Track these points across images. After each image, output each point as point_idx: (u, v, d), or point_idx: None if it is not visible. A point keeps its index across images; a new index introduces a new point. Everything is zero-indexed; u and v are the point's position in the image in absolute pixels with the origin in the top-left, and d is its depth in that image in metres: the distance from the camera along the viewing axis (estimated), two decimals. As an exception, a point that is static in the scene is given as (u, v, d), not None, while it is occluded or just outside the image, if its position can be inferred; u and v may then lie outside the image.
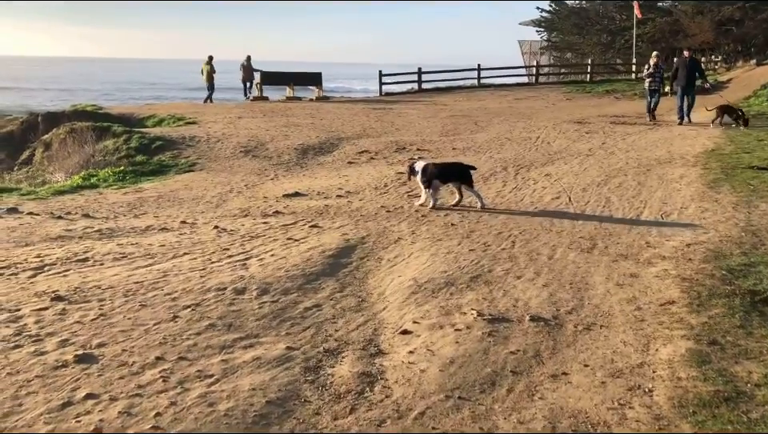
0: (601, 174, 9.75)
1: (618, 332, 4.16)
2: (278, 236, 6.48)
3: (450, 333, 4.08)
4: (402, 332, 4.12)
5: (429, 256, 5.81)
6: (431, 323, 4.26)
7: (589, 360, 3.76)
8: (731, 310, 4.38)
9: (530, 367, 3.67)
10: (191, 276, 5.03)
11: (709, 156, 11.15)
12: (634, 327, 4.24)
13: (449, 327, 4.19)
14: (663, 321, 4.28)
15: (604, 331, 4.18)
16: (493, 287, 5.03)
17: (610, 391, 3.37)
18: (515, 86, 30.92)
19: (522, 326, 4.24)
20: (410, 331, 4.15)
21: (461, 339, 4.00)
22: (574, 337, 4.09)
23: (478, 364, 3.68)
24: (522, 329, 4.19)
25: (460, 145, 12.85)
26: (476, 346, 3.90)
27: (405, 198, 8.32)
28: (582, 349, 3.91)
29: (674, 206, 7.75)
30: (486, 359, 3.75)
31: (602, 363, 3.72)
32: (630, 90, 26.79)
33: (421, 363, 3.68)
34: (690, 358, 3.70)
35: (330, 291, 4.90)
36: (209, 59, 23.59)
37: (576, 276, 5.31)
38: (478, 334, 4.08)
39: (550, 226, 6.96)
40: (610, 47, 43.76)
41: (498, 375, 3.55)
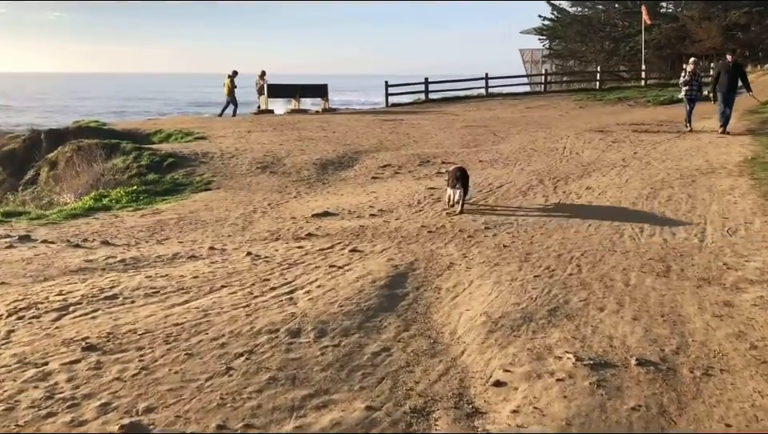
0: (645, 186, 9.19)
1: (744, 379, 3.58)
2: (319, 263, 5.89)
3: (552, 384, 3.49)
4: (494, 384, 3.53)
5: (492, 285, 5.23)
6: (525, 371, 3.66)
7: (728, 417, 3.17)
8: None
9: (662, 430, 3.07)
10: (236, 315, 4.44)
11: (752, 165, 10.62)
12: (761, 371, 3.65)
13: (547, 376, 3.60)
14: (793, 364, 3.70)
15: (727, 378, 3.59)
16: (577, 322, 4.44)
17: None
18: (524, 95, 30.46)
19: (630, 372, 3.65)
20: (503, 381, 3.55)
21: (568, 392, 3.40)
22: (697, 386, 3.50)
23: (599, 426, 3.08)
24: (632, 376, 3.59)
25: (486, 157, 12.29)
26: (589, 401, 3.31)
27: (443, 217, 7.74)
28: (713, 402, 3.32)
29: (736, 221, 7.20)
30: (607, 418, 3.15)
31: (746, 422, 3.13)
32: (642, 97, 26.34)
33: (532, 425, 3.08)
34: None
35: (395, 331, 4.30)
36: (233, 74, 23.17)
37: (664, 306, 4.73)
38: (585, 385, 3.48)
39: (611, 246, 6.40)
40: (614, 54, 43.36)
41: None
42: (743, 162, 10.97)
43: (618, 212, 7.74)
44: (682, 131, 15.39)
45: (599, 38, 45.48)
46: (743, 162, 11.07)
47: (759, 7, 36.40)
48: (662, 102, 24.47)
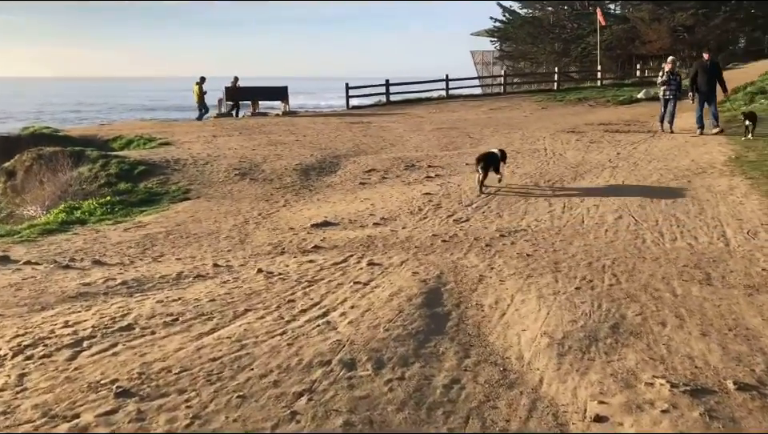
0: (645, 188, 9.01)
1: None
2: (340, 279, 5.44)
3: (659, 417, 3.14)
4: (595, 419, 3.16)
5: (536, 300, 4.88)
6: (621, 402, 3.31)
7: None
8: None
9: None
10: (276, 345, 3.95)
11: (740, 165, 10.61)
12: None
13: (648, 406, 3.25)
14: None
15: (837, 400, 3.30)
16: (645, 340, 4.13)
17: None
18: (484, 97, 30.48)
19: (734, 398, 3.33)
20: (603, 416, 3.19)
21: (681, 426, 3.06)
22: (811, 412, 3.19)
23: (736, 467, 2.74)
24: (738, 404, 3.28)
25: (470, 159, 11.96)
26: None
27: (451, 224, 7.37)
28: (839, 431, 3.02)
29: (751, 223, 7.05)
30: (739, 457, 2.81)
31: None
32: (601, 97, 26.59)
33: (663, 470, 2.71)
34: None
35: (456, 358, 3.89)
36: (200, 80, 22.93)
37: (725, 318, 4.47)
38: (695, 415, 3.15)
39: (637, 252, 6.14)
40: (565, 55, 43.93)
41: None
42: (729, 162, 10.96)
43: (628, 215, 7.50)
44: (644, 131, 15.38)
45: (550, 39, 46.06)
46: (729, 161, 11.06)
47: (704, 9, 37.38)
48: (622, 101, 24.75)
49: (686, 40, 37.74)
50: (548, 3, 47.79)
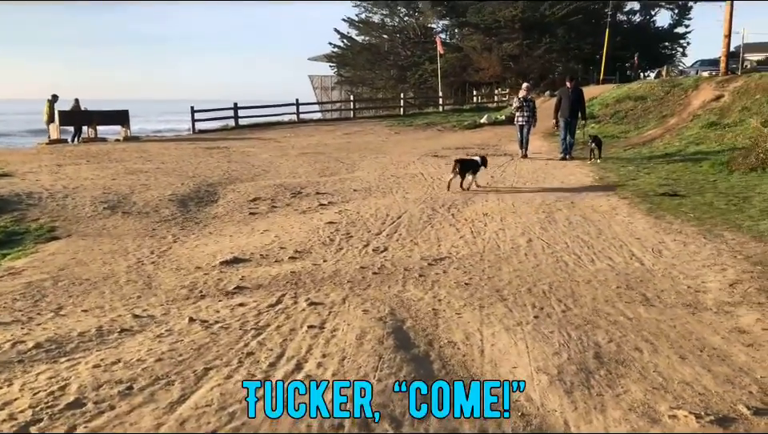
0: (537, 210, 9.35)
1: None
2: (288, 324, 4.96)
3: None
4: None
5: (506, 333, 4.76)
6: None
7: None
8: None
9: None
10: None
11: (607, 185, 11.37)
12: None
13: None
14: None
15: (840, 415, 3.46)
16: (634, 368, 4.13)
17: None
18: (335, 121, 30.57)
19: (756, 424, 3.37)
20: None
21: (733, 459, 3.01)
22: (828, 430, 3.31)
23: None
24: (765, 429, 3.31)
25: (356, 186, 11.80)
26: (767, 468, 2.94)
27: (372, 255, 7.09)
28: None
29: (650, 241, 7.50)
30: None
31: None
32: (446, 123, 27.73)
33: None
34: None
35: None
36: (52, 98, 20.62)
37: (689, 339, 4.62)
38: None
39: (567, 276, 6.26)
40: (403, 81, 45.49)
41: None
42: (597, 183, 11.73)
43: (537, 238, 7.67)
44: (515, 156, 15.83)
45: (387, 65, 47.47)
46: (595, 182, 11.84)
47: (528, 40, 40.53)
48: (468, 126, 25.93)
49: (513, 69, 40.61)
50: (383, 31, 49.30)
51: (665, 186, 11.04)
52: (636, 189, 10.88)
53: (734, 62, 37.87)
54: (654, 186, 11.09)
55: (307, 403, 3.51)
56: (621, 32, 41.62)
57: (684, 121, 19.55)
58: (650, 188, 10.90)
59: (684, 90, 22.32)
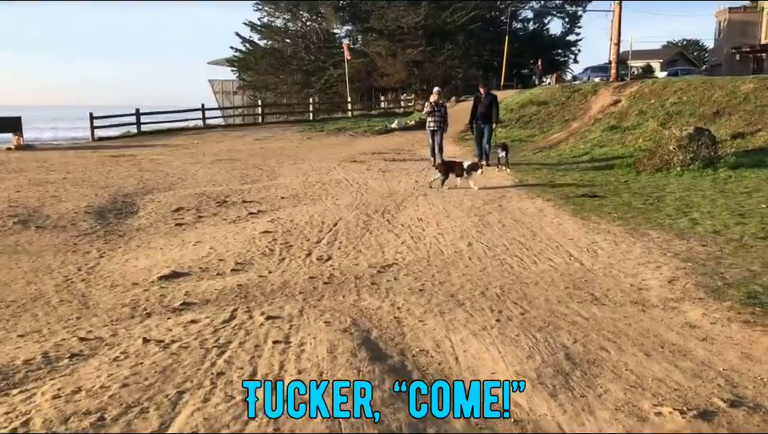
0: (469, 214, 9.51)
1: (817, 400, 3.72)
2: (251, 340, 4.76)
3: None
4: (651, 459, 3.10)
5: (474, 338, 4.79)
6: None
7: None
8: None
9: None
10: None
11: (528, 188, 11.72)
12: (816, 390, 3.84)
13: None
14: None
15: (804, 402, 3.70)
16: (606, 367, 4.25)
17: None
18: (240, 127, 29.92)
19: (734, 416, 3.54)
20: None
21: (727, 451, 3.14)
22: (798, 417, 3.53)
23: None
24: (745, 420, 3.49)
25: (283, 193, 11.58)
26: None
27: (317, 264, 6.96)
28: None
29: (583, 242, 7.78)
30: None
31: None
32: (357, 128, 27.78)
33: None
34: None
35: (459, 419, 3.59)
36: None
37: (648, 337, 4.81)
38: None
39: (514, 278, 6.39)
40: (308, 86, 45.17)
41: None
42: (518, 186, 12.07)
43: (476, 242, 7.78)
44: (432, 163, 15.01)
45: (291, 70, 46.94)
46: (516, 186, 12.18)
47: (430, 47, 41.28)
48: (379, 131, 26.07)
49: (417, 74, 41.24)
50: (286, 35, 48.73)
51: (583, 187, 11.50)
52: (556, 191, 11.26)
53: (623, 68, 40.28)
54: (573, 187, 11.53)
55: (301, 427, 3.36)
56: (517, 39, 43.17)
57: (586, 125, 20.51)
58: (569, 190, 11.31)
59: (584, 96, 23.41)
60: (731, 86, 17.22)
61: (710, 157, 12.54)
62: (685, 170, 12.32)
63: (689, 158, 12.52)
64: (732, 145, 13.59)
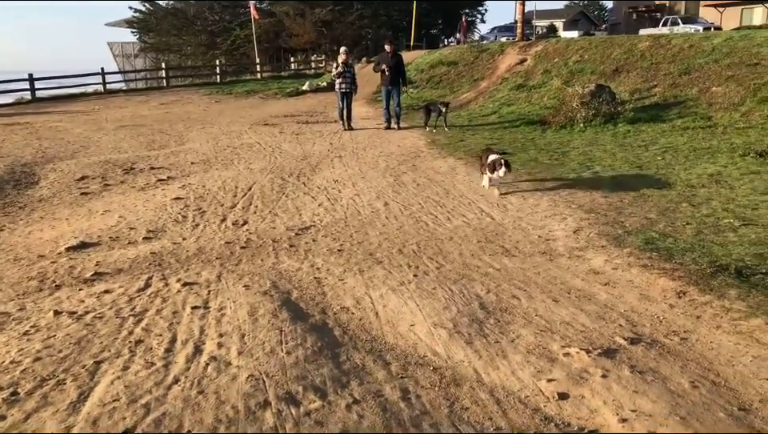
0: (384, 174, 9.60)
1: (709, 332, 4.07)
2: (168, 307, 4.71)
3: (604, 382, 3.45)
4: (561, 398, 3.34)
5: (393, 294, 4.92)
6: (563, 376, 3.55)
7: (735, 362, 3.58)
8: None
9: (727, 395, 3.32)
10: (187, 398, 3.27)
11: (440, 148, 11.91)
12: (723, 325, 4.19)
13: (589, 376, 3.56)
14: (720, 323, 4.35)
15: (692, 335, 4.04)
16: (517, 313, 4.48)
17: None
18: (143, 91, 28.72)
19: (635, 352, 3.83)
20: (564, 393, 3.38)
21: (635, 386, 3.41)
22: (691, 349, 3.85)
23: (699, 412, 3.17)
24: (643, 355, 3.78)
25: (193, 158, 11.28)
26: (661, 391, 3.37)
27: (233, 229, 6.89)
28: (730, 359, 3.71)
29: (493, 198, 8.02)
30: (693, 402, 3.26)
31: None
32: (268, 90, 27.25)
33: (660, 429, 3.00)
34: None
35: (381, 367, 3.71)
36: None
37: (556, 284, 5.08)
38: (627, 374, 3.55)
39: (429, 235, 6.56)
40: (214, 48, 43.72)
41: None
42: (430, 146, 12.25)
43: (393, 202, 7.90)
44: (342, 126, 15.01)
45: (195, 31, 45.23)
46: (428, 145, 12.36)
47: (339, 6, 40.69)
48: (290, 93, 25.67)
49: (327, 35, 40.63)
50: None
51: (492, 145, 11.79)
52: (467, 150, 11.52)
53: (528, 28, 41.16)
54: (482, 146, 11.79)
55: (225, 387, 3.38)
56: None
57: (494, 84, 20.92)
58: (480, 148, 11.57)
59: (491, 55, 23.81)
60: (629, 44, 17.95)
61: (611, 113, 13.11)
62: (587, 126, 12.84)
63: (591, 114, 13.04)
64: (630, 101, 14.24)
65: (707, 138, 10.80)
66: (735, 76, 13.33)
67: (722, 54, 14.51)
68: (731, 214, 6.55)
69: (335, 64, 15.47)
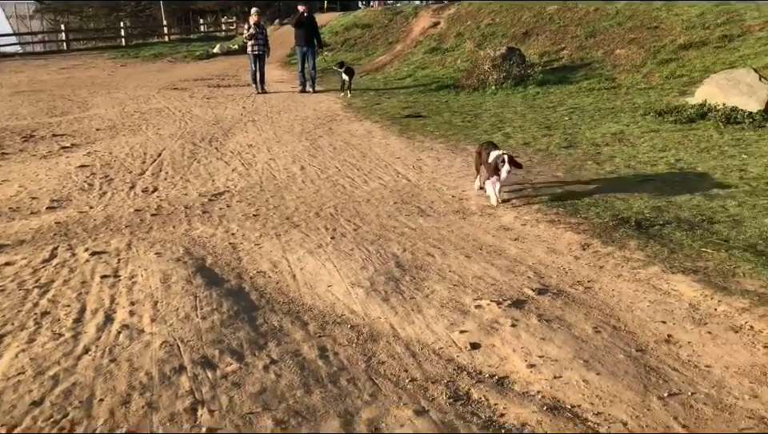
0: (300, 138, 9.53)
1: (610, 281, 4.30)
2: (76, 277, 4.55)
3: (514, 331, 3.61)
4: (473, 347, 3.47)
5: (311, 256, 4.93)
6: (477, 327, 3.68)
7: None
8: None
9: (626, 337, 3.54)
10: (99, 367, 3.19)
11: (356, 111, 11.91)
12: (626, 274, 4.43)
13: (497, 325, 3.70)
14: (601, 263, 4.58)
15: (596, 285, 4.26)
16: (433, 270, 4.58)
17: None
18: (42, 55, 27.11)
19: (542, 302, 4.00)
20: (476, 343, 3.52)
21: (542, 333, 3.58)
22: (594, 296, 4.07)
23: (603, 356, 3.38)
24: (550, 304, 3.96)
25: (99, 125, 10.82)
26: (567, 337, 3.56)
27: (143, 196, 6.70)
28: (624, 305, 3.94)
29: (409, 160, 8.12)
30: (596, 345, 3.46)
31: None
32: (177, 53, 26.37)
33: (566, 373, 3.18)
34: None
35: (298, 328, 3.74)
36: None
37: (468, 241, 5.21)
38: (535, 322, 3.71)
39: (347, 197, 6.58)
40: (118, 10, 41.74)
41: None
42: (346, 110, 12.21)
43: (309, 165, 7.86)
44: (254, 92, 14.79)
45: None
46: (344, 109, 12.32)
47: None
48: (200, 56, 24.95)
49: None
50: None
51: (407, 108, 11.88)
52: (383, 113, 11.55)
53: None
54: (398, 109, 11.87)
55: (137, 355, 3.32)
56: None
57: (409, 47, 20.96)
58: (395, 111, 11.64)
59: (405, 18, 23.81)
60: (538, 7, 18.33)
61: (521, 75, 13.42)
62: (499, 89, 13.10)
63: (502, 76, 13.31)
64: (540, 63, 14.61)
65: (611, 98, 11.25)
66: (637, 39, 13.87)
67: (624, 18, 15.05)
68: (632, 170, 6.88)
69: (247, 26, 15.15)
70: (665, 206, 5.60)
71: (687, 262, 4.44)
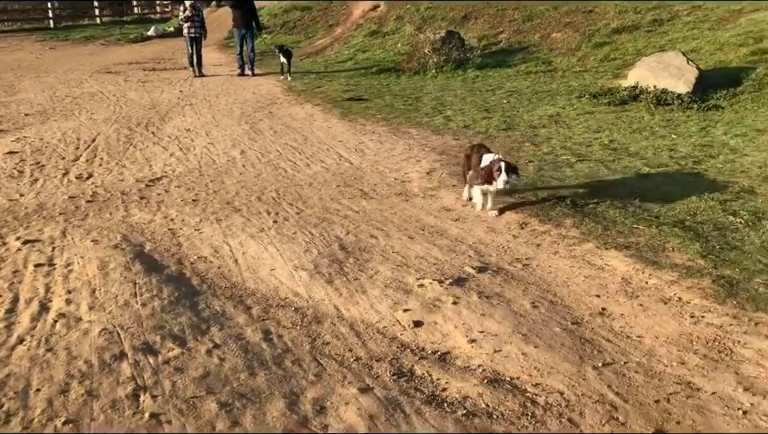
0: (240, 122, 9.40)
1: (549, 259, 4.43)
2: (10, 267, 4.41)
3: (455, 308, 3.69)
4: (416, 325, 3.53)
5: (253, 240, 4.91)
6: (418, 306, 3.74)
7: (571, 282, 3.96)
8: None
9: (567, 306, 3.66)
10: (35, 357, 3.11)
11: (297, 94, 11.80)
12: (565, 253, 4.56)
13: (439, 303, 3.77)
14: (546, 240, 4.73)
15: (534, 262, 4.39)
16: (376, 252, 4.63)
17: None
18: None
19: (482, 279, 4.10)
20: (419, 321, 3.59)
21: (474, 308, 3.66)
22: (534, 273, 4.19)
23: (536, 327, 3.48)
24: (489, 282, 4.06)
25: (27, 109, 10.40)
26: (506, 313, 3.65)
27: (77, 182, 6.51)
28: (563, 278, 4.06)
29: (351, 143, 8.12)
30: (530, 316, 3.57)
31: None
32: (109, 36, 25.50)
33: (506, 347, 3.28)
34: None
35: (241, 312, 3.73)
36: None
37: (411, 222, 5.26)
38: (475, 299, 3.80)
39: (289, 181, 6.55)
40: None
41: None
42: (287, 93, 12.09)
43: (249, 150, 7.77)
44: (192, 74, 14.51)
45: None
46: (285, 92, 12.19)
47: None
48: (135, 39, 24.21)
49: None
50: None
51: (349, 91, 11.84)
52: (325, 96, 11.48)
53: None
54: (339, 92, 11.82)
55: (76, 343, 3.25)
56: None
57: (349, 30, 20.83)
58: (337, 95, 11.59)
59: (345, 0, 23.61)
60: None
61: (461, 59, 13.54)
62: (439, 72, 13.19)
63: (442, 60, 13.40)
64: (479, 47, 14.75)
65: (548, 81, 11.48)
66: (572, 23, 14.17)
67: (560, 2, 15.33)
68: (568, 151, 7.07)
69: (182, 8, 14.76)
70: (599, 186, 5.79)
71: (620, 238, 4.61)
